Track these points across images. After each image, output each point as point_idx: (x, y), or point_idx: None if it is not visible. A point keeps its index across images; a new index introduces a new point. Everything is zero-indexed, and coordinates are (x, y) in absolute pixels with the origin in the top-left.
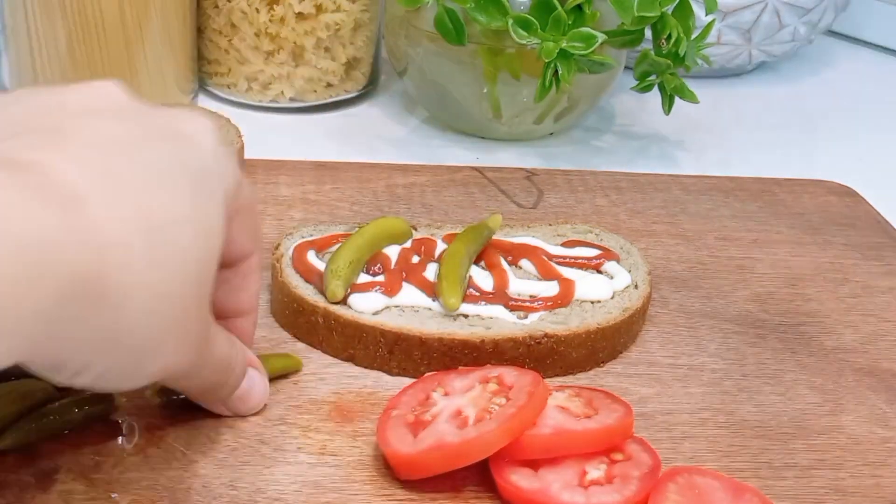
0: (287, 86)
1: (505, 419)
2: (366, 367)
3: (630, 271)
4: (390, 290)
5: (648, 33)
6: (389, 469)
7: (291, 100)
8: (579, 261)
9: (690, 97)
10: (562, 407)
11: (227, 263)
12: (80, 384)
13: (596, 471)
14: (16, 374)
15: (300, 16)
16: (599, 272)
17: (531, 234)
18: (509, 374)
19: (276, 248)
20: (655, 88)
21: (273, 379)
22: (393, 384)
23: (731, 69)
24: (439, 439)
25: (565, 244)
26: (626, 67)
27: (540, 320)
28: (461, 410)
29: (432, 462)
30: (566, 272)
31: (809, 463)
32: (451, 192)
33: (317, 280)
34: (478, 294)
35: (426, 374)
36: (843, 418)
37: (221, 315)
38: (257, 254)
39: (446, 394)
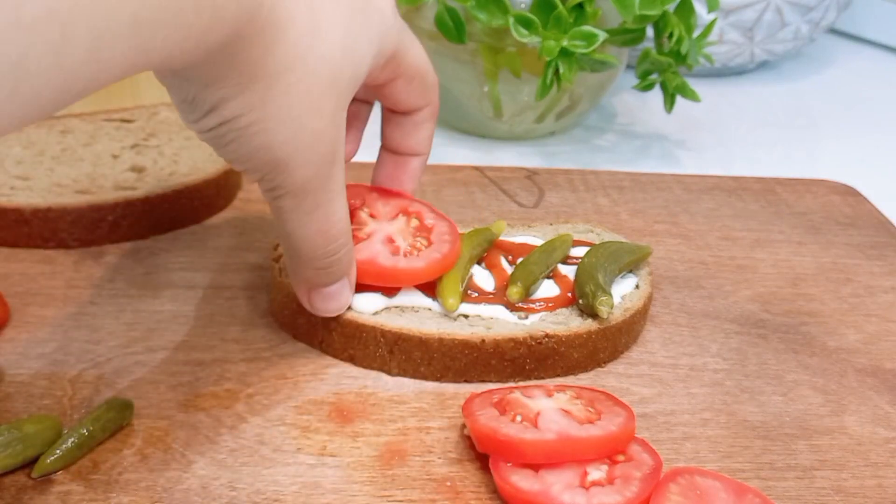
0: None
1: (431, 261)
2: (366, 367)
3: (631, 271)
4: (390, 290)
5: (650, 32)
6: (390, 469)
7: None
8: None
9: (692, 96)
10: (564, 410)
11: (401, 111)
12: (206, 126)
13: (597, 472)
14: None
15: None
16: None
17: (532, 233)
18: (427, 214)
19: (276, 248)
20: (657, 87)
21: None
22: (393, 384)
23: (732, 68)
24: (374, 257)
25: None
26: (628, 66)
27: (541, 320)
28: (393, 238)
29: (365, 273)
30: (567, 272)
31: (811, 464)
32: (451, 191)
33: None
34: (478, 294)
35: (349, 184)
36: (845, 419)
37: (397, 152)
38: (429, 108)
39: (372, 215)
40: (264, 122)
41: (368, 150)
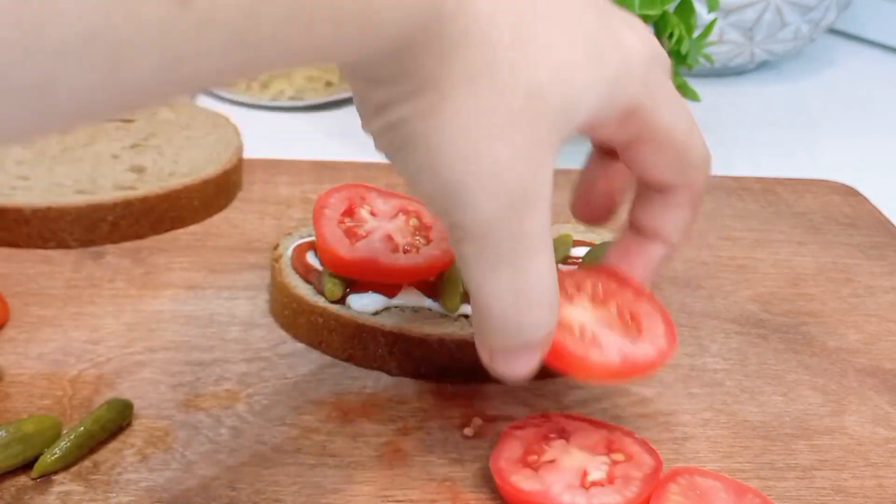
0: (287, 84)
1: (431, 258)
2: (366, 367)
3: None
4: (390, 290)
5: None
6: (390, 469)
7: (291, 98)
8: (580, 261)
9: (692, 96)
10: (604, 321)
11: (649, 184)
12: (373, 128)
13: (597, 472)
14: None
15: None
16: None
17: None
18: (426, 213)
19: (276, 248)
20: None
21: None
22: (393, 384)
23: (733, 68)
24: (374, 255)
25: None
26: None
27: None
28: (392, 236)
29: (366, 270)
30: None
31: (811, 464)
32: None
33: (315, 279)
34: None
35: (349, 183)
36: (845, 419)
37: (636, 228)
38: (685, 191)
39: (373, 213)
40: (434, 135)
41: (368, 149)
